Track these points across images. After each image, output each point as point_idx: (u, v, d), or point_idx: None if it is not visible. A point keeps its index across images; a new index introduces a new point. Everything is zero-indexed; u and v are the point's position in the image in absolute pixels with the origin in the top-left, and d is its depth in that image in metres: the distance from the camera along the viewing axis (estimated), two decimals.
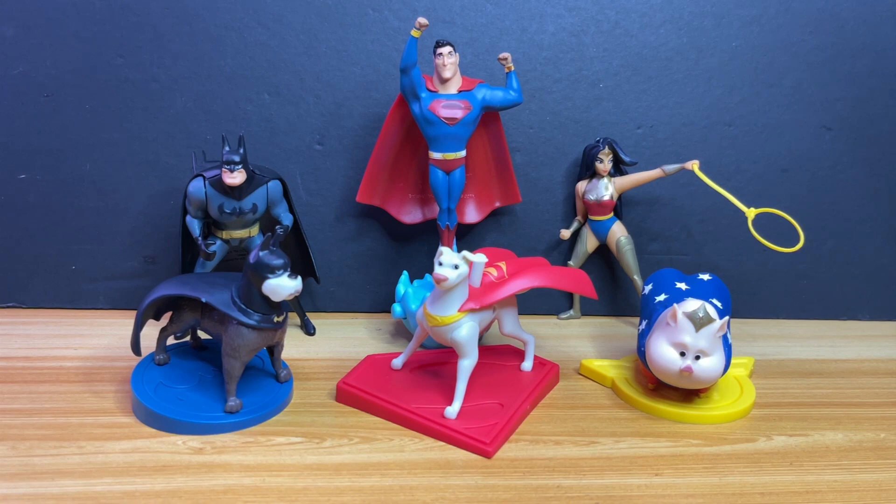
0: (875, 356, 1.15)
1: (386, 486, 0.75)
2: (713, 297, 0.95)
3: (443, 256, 0.84)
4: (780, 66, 1.22)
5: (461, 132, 1.07)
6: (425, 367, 1.00)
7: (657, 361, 0.88)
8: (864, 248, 1.29)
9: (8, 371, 0.97)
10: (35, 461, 0.77)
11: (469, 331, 0.87)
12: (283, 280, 0.82)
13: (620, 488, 0.77)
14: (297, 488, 0.74)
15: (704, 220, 1.26)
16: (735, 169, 1.25)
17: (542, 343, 1.14)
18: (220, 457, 0.79)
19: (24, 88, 1.14)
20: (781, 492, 0.77)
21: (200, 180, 1.01)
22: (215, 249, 1.06)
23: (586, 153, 1.19)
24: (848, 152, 1.26)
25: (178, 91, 1.16)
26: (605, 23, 1.19)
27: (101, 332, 1.11)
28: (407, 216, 1.21)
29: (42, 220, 1.18)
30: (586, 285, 0.98)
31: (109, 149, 1.17)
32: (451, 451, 0.83)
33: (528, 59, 1.19)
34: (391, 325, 1.20)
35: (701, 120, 1.23)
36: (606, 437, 0.87)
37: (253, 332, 0.84)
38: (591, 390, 1.00)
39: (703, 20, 1.20)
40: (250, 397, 0.89)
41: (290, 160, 1.19)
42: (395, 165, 1.18)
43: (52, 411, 0.87)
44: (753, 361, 1.07)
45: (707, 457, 0.84)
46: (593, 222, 1.22)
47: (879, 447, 0.87)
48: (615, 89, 1.22)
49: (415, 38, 1.03)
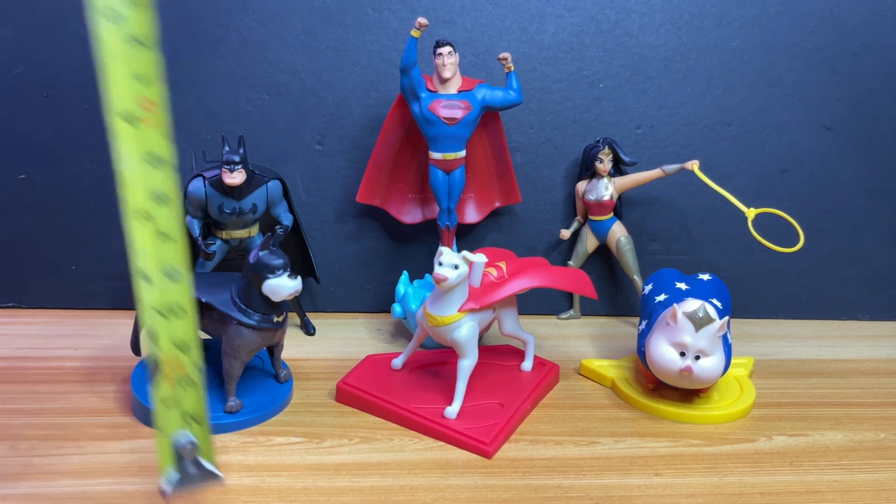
0: (875, 356, 1.15)
1: (386, 486, 0.75)
2: (713, 297, 0.95)
3: (443, 256, 0.84)
4: (780, 66, 1.22)
5: (461, 132, 1.07)
6: (425, 367, 1.00)
7: (657, 361, 0.88)
8: (864, 248, 1.29)
9: (8, 371, 0.97)
10: (35, 461, 0.77)
11: (469, 331, 0.87)
12: (283, 280, 0.82)
13: (620, 488, 0.77)
14: (296, 488, 0.74)
15: (704, 220, 1.26)
16: (735, 169, 1.25)
17: (542, 343, 1.14)
18: (220, 457, 0.79)
19: (24, 88, 1.14)
20: (781, 492, 0.77)
21: (200, 180, 1.01)
22: (215, 249, 1.06)
23: (586, 153, 1.19)
24: (848, 152, 1.26)
25: (178, 91, 1.15)
26: (605, 23, 1.19)
27: (101, 332, 1.11)
28: (407, 216, 1.21)
29: (42, 220, 1.18)
30: (586, 285, 0.98)
31: (109, 149, 1.16)
32: (451, 451, 0.83)
33: (528, 59, 1.19)
34: (391, 325, 1.20)
35: (701, 120, 1.23)
36: (606, 437, 0.87)
37: (253, 332, 0.84)
38: (591, 390, 1.00)
39: (703, 20, 1.20)
40: (250, 397, 0.89)
41: (290, 160, 1.19)
42: (395, 165, 1.18)
43: (52, 411, 0.87)
44: (753, 361, 1.07)
45: (707, 457, 0.84)
46: (593, 222, 1.22)
47: (879, 447, 0.87)
48: (615, 89, 1.22)
49: (415, 38, 1.03)
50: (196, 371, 0.62)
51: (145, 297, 0.59)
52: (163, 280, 0.59)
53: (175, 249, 0.60)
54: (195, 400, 0.63)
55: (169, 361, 0.61)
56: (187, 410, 0.62)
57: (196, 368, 0.62)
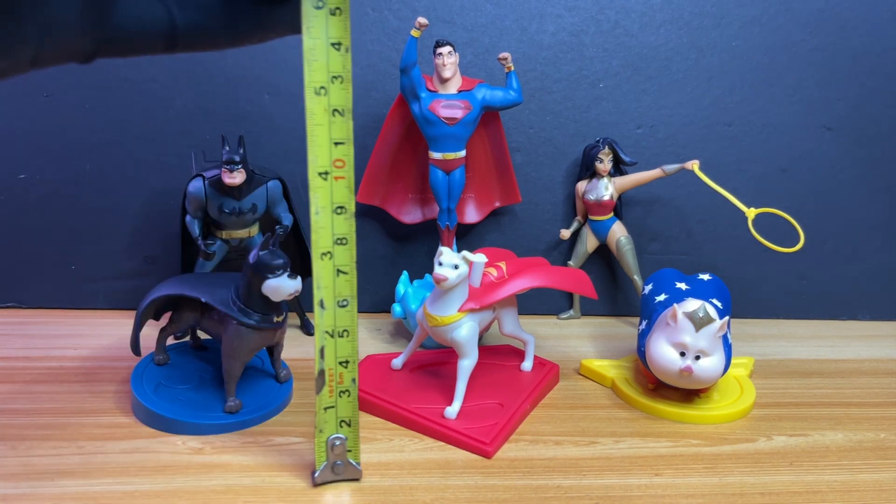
0: (875, 356, 1.15)
1: (386, 486, 0.75)
2: (713, 297, 0.95)
3: (443, 256, 0.84)
4: (780, 66, 1.22)
5: (461, 132, 1.07)
6: (425, 367, 1.00)
7: (657, 361, 0.88)
8: (864, 248, 1.29)
9: (8, 371, 0.97)
10: (35, 461, 0.77)
11: (469, 331, 0.87)
12: (282, 280, 0.82)
13: (620, 488, 0.77)
14: (296, 488, 0.74)
15: (704, 220, 1.26)
16: (735, 169, 1.25)
17: (542, 343, 1.14)
18: (220, 457, 0.79)
19: (24, 88, 1.14)
20: (781, 492, 0.77)
21: (200, 180, 1.01)
22: (215, 249, 1.06)
23: (586, 153, 1.19)
24: (848, 152, 1.26)
25: (178, 91, 1.16)
26: (605, 23, 1.19)
27: (101, 332, 1.11)
28: (407, 216, 1.21)
29: (42, 220, 1.18)
30: (586, 285, 0.98)
31: (109, 149, 1.17)
32: (451, 451, 0.83)
33: (528, 59, 1.19)
34: (391, 325, 1.20)
35: (701, 120, 1.23)
36: (606, 437, 0.87)
37: (253, 332, 0.84)
38: (591, 390, 1.00)
39: (703, 20, 1.20)
40: (250, 397, 0.89)
41: (290, 160, 1.19)
42: (395, 165, 1.18)
43: (52, 411, 0.87)
44: (753, 361, 1.07)
45: (707, 457, 0.83)
46: (593, 222, 1.22)
47: (879, 447, 0.87)
48: (615, 89, 1.22)
49: (415, 37, 1.03)
50: (353, 383, 0.74)
51: (320, 321, 0.71)
52: (335, 308, 0.72)
53: (348, 282, 0.72)
54: (350, 407, 0.74)
55: (333, 375, 0.73)
56: (343, 416, 0.74)
57: (353, 381, 0.74)
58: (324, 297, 0.71)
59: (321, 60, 0.66)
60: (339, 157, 0.69)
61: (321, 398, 0.73)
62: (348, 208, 0.70)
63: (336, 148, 0.69)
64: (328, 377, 0.73)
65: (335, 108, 0.68)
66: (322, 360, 0.72)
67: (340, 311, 0.72)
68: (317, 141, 0.68)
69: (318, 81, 0.66)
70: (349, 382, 0.74)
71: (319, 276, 0.70)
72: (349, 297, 0.72)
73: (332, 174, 0.69)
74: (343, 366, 0.73)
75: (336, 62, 0.66)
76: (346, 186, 0.70)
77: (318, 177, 0.69)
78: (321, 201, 0.69)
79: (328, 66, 0.66)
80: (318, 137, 0.68)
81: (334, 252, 0.70)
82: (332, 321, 0.72)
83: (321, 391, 0.73)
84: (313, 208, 0.69)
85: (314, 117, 0.67)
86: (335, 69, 0.66)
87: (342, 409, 0.74)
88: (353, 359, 0.73)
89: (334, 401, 0.73)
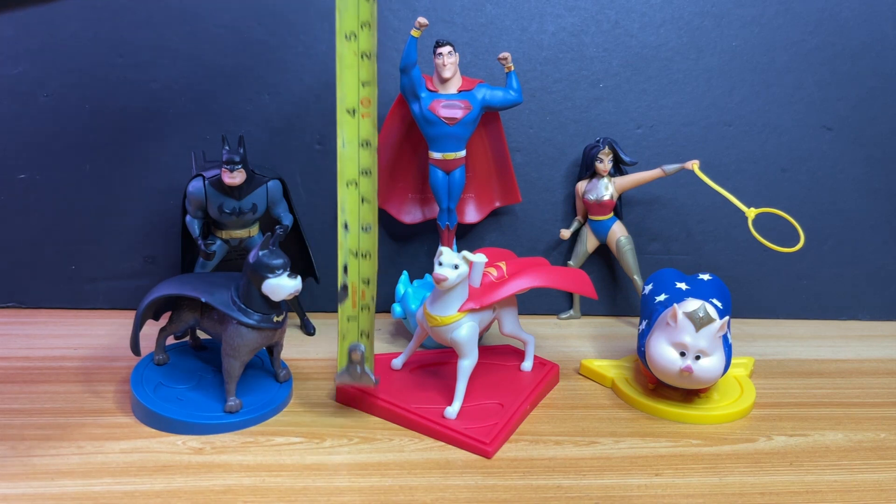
0: (875, 356, 1.15)
1: (386, 486, 0.75)
2: (713, 297, 0.95)
3: (443, 256, 0.84)
4: (780, 66, 1.22)
5: (461, 132, 1.07)
6: (425, 367, 1.00)
7: (657, 361, 0.88)
8: (864, 248, 1.29)
9: (8, 371, 0.97)
10: (35, 461, 0.77)
11: (469, 331, 0.87)
12: (282, 280, 0.82)
13: (620, 488, 0.77)
14: (296, 488, 0.74)
15: (704, 220, 1.26)
16: (735, 169, 1.25)
17: (542, 343, 1.14)
18: (220, 457, 0.79)
19: (24, 88, 1.14)
20: (781, 492, 0.77)
21: (200, 180, 1.01)
22: (215, 249, 1.06)
23: (586, 153, 1.19)
24: (848, 152, 1.26)
25: (178, 91, 1.16)
26: (605, 23, 1.19)
27: (101, 332, 1.11)
28: (407, 216, 1.21)
29: (42, 220, 1.18)
30: (586, 285, 0.98)
31: (109, 149, 1.17)
32: (451, 451, 0.83)
33: (528, 59, 1.19)
34: (391, 325, 1.20)
35: (701, 120, 1.23)
36: (606, 437, 0.87)
37: (252, 331, 0.84)
38: (591, 390, 1.00)
39: (703, 20, 1.20)
40: (250, 397, 0.89)
41: (290, 160, 1.19)
42: (395, 165, 1.18)
43: (52, 411, 0.87)
44: (753, 361, 1.07)
45: (707, 457, 0.83)
46: (593, 222, 1.22)
47: (879, 447, 0.87)
48: (615, 89, 1.22)
49: (414, 37, 1.03)
50: (372, 300, 0.83)
51: (345, 241, 0.80)
52: (359, 231, 0.80)
53: (370, 209, 0.80)
54: (369, 321, 0.83)
55: (356, 289, 0.81)
56: (363, 328, 0.83)
57: (372, 298, 0.83)
58: (348, 220, 0.79)
59: (352, 9, 0.74)
60: (366, 96, 0.76)
61: (344, 308, 0.81)
62: (372, 143, 0.77)
63: (363, 88, 0.76)
64: (351, 291, 0.81)
65: (363, 52, 0.75)
66: (345, 275, 0.80)
67: (364, 234, 0.79)
68: (346, 82, 0.76)
69: (349, 28, 0.74)
70: (369, 299, 0.82)
71: (344, 201, 0.78)
72: (371, 223, 0.79)
73: (360, 111, 0.76)
74: (365, 283, 0.81)
75: (365, 10, 0.74)
76: (371, 124, 0.77)
77: (346, 113, 0.76)
78: (348, 136, 0.77)
79: (358, 14, 0.74)
80: (348, 78, 0.76)
81: (359, 182, 0.78)
82: (356, 243, 0.79)
83: (344, 302, 0.81)
84: (340, 141, 0.77)
85: (344, 59, 0.75)
86: (364, 17, 0.74)
87: (363, 322, 0.82)
88: (373, 279, 0.82)
89: (357, 313, 0.81)
